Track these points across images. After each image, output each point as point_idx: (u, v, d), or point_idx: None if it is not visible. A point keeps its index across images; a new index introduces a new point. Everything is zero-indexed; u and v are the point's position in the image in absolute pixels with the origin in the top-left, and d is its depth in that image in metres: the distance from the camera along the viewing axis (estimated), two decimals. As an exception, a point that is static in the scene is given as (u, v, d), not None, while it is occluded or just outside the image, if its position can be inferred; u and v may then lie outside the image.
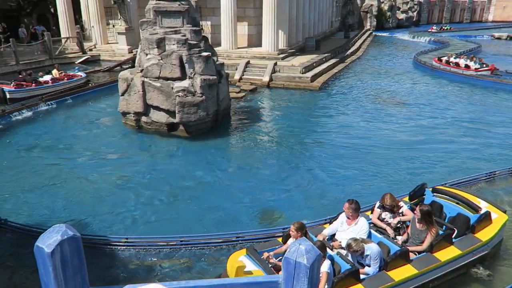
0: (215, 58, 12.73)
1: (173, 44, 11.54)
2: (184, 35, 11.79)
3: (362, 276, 5.10)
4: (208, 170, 9.85)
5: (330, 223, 6.06)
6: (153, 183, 9.07)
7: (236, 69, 19.71)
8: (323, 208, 7.97)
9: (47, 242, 2.36)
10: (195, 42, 11.93)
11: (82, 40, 24.49)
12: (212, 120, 12.39)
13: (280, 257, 5.43)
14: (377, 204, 6.25)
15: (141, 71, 11.90)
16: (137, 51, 13.38)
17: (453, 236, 5.89)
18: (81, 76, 18.12)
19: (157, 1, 12.14)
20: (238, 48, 22.20)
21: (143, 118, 12.11)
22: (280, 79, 19.21)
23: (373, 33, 45.20)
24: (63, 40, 24.80)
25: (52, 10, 32.05)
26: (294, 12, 24.46)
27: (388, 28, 51.53)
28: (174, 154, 10.83)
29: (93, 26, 25.21)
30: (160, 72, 11.54)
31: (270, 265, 5.15)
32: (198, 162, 10.28)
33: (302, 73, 19.35)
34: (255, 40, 23.45)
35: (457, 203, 6.46)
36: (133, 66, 14.93)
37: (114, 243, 6.48)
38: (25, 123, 13.21)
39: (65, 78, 17.29)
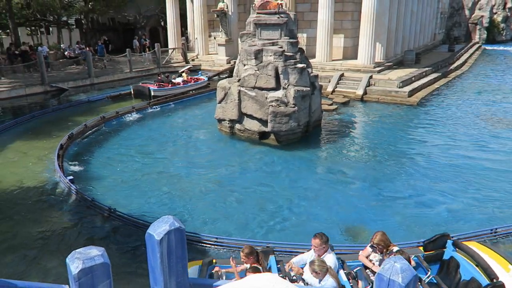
0: (309, 70, 12.83)
1: (270, 56, 11.91)
2: (281, 47, 12.10)
3: None
4: (296, 180, 9.91)
5: None
6: (243, 187, 9.40)
7: (329, 81, 19.59)
8: (416, 229, 7.52)
9: (157, 230, 2.63)
10: (291, 54, 12.17)
11: (186, 51, 26.48)
12: (303, 130, 12.47)
13: (235, 279, 4.99)
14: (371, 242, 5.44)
15: (238, 80, 12.47)
16: (235, 61, 14.09)
17: None
18: (204, 79, 20.50)
19: (258, 15, 12.66)
20: (333, 60, 22.04)
21: (237, 126, 12.65)
22: (374, 93, 18.61)
23: (482, 47, 41.45)
24: (169, 51, 27.08)
25: (162, 23, 35.30)
26: (394, 24, 23.56)
27: (501, 41, 46.76)
28: (264, 162, 11.10)
29: (196, 38, 27.11)
30: (256, 82, 11.98)
31: None
32: (287, 171, 10.40)
33: (399, 87, 18.50)
34: (350, 52, 23.09)
35: (477, 265, 5.21)
36: (230, 76, 15.73)
37: (205, 241, 6.85)
38: (134, 124, 14.66)
39: (192, 81, 19.82)
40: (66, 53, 25.13)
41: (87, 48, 24.68)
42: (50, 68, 21.94)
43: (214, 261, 5.46)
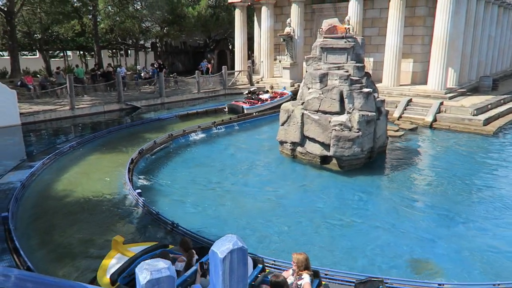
0: (375, 95, 12.55)
1: (335, 80, 11.85)
2: (347, 71, 12.01)
3: None
4: (358, 207, 9.61)
5: None
6: (301, 211, 9.29)
7: (396, 106, 18.97)
8: (483, 268, 6.89)
9: (221, 248, 2.69)
10: (357, 78, 12.01)
11: (251, 74, 27.20)
12: (366, 156, 12.12)
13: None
14: None
15: (302, 103, 12.52)
16: (298, 84, 14.20)
17: None
18: (288, 94, 21.47)
19: (324, 39, 12.71)
20: (400, 85, 21.37)
21: (299, 148, 12.62)
22: (445, 120, 17.65)
23: None
24: (235, 73, 28.00)
25: (230, 47, 36.74)
26: (469, 48, 22.41)
27: None
28: (324, 187, 10.92)
29: (262, 61, 27.78)
30: (319, 106, 11.94)
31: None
32: (349, 198, 10.12)
33: (473, 115, 17.40)
34: (419, 77, 22.26)
35: None
36: (294, 99, 15.85)
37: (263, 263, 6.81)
38: (199, 143, 15.22)
39: (278, 96, 20.87)
40: (142, 74, 26.95)
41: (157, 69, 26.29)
42: (126, 87, 23.66)
43: (170, 246, 6.04)
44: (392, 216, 9.15)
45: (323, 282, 5.30)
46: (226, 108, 20.32)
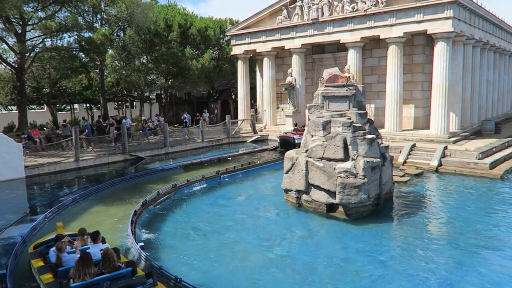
0: (379, 141, 12.55)
1: (338, 127, 11.91)
2: (350, 118, 12.11)
3: None
4: (366, 259, 9.22)
5: None
6: (308, 265, 8.95)
7: (400, 151, 18.94)
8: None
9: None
10: (360, 125, 12.08)
11: (255, 122, 27.56)
12: (374, 203, 11.90)
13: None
14: None
15: (306, 151, 12.50)
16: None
17: None
18: None
19: (326, 88, 12.95)
20: (403, 130, 21.50)
21: (304, 196, 12.44)
22: (451, 164, 17.53)
23: None
24: (239, 122, 28.37)
25: (233, 96, 37.54)
26: (469, 93, 22.78)
27: None
28: (331, 236, 10.61)
29: (265, 110, 28.24)
30: (323, 153, 11.92)
31: None
32: (356, 249, 9.75)
33: (479, 159, 17.29)
34: (422, 122, 22.44)
35: None
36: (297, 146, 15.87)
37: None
38: (203, 193, 15.03)
39: None
40: (150, 124, 27.27)
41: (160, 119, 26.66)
42: (131, 138, 23.91)
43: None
44: (403, 268, 8.78)
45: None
46: (278, 140, 22.62)
